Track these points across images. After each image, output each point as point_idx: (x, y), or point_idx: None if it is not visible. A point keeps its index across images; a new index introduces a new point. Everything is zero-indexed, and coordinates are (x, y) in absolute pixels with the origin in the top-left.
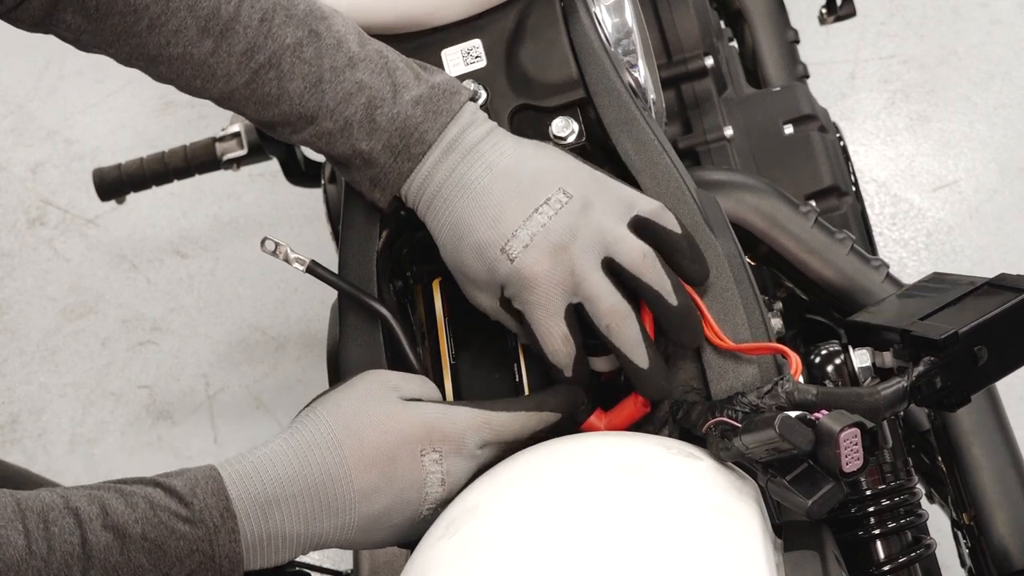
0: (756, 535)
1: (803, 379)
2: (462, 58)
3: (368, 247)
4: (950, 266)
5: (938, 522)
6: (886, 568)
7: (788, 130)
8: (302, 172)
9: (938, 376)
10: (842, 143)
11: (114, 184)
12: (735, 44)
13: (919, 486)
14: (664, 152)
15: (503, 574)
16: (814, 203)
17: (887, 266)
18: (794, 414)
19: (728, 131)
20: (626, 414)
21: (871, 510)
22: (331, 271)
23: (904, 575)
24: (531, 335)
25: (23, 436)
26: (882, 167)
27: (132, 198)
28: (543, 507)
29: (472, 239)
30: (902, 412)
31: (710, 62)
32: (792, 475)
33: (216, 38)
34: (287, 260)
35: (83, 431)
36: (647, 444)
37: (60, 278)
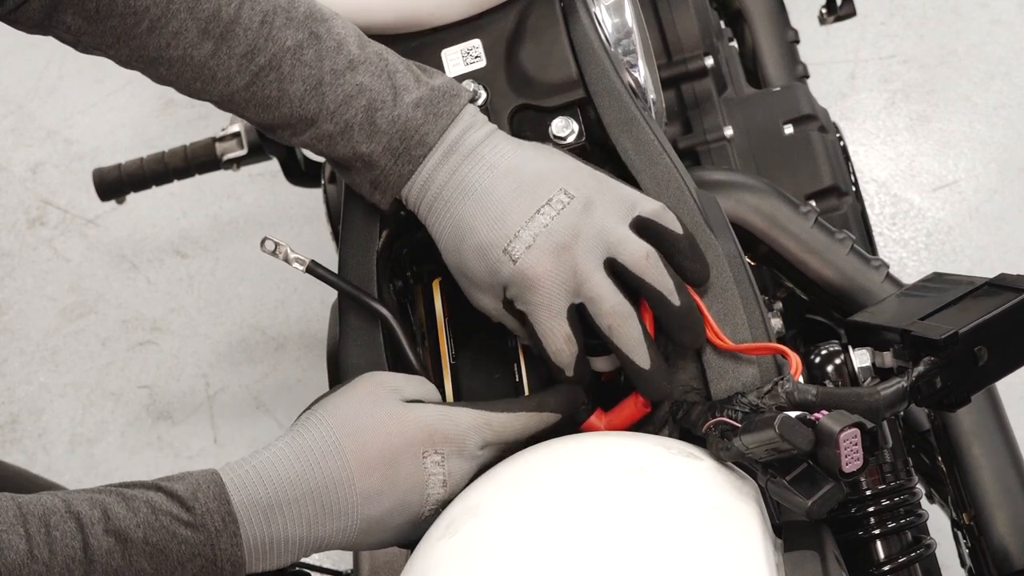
0: (756, 535)
1: (803, 379)
2: (462, 58)
3: (368, 247)
4: (950, 266)
5: (938, 522)
6: (886, 568)
7: (788, 130)
8: (302, 172)
9: (938, 376)
10: (842, 143)
11: (114, 184)
12: (735, 44)
13: (919, 486)
14: (664, 152)
15: (503, 574)
16: (814, 203)
17: (887, 266)
18: (794, 414)
19: (728, 131)
20: (626, 414)
21: (871, 510)
22: (331, 271)
23: (904, 575)
24: (533, 336)
25: (23, 436)
26: (882, 167)
27: (132, 198)
28: (543, 507)
29: (474, 241)
30: (902, 412)
31: (710, 62)
32: (792, 475)
33: (216, 40)
34: (287, 260)
35: (83, 431)
36: (647, 444)
37: (60, 278)
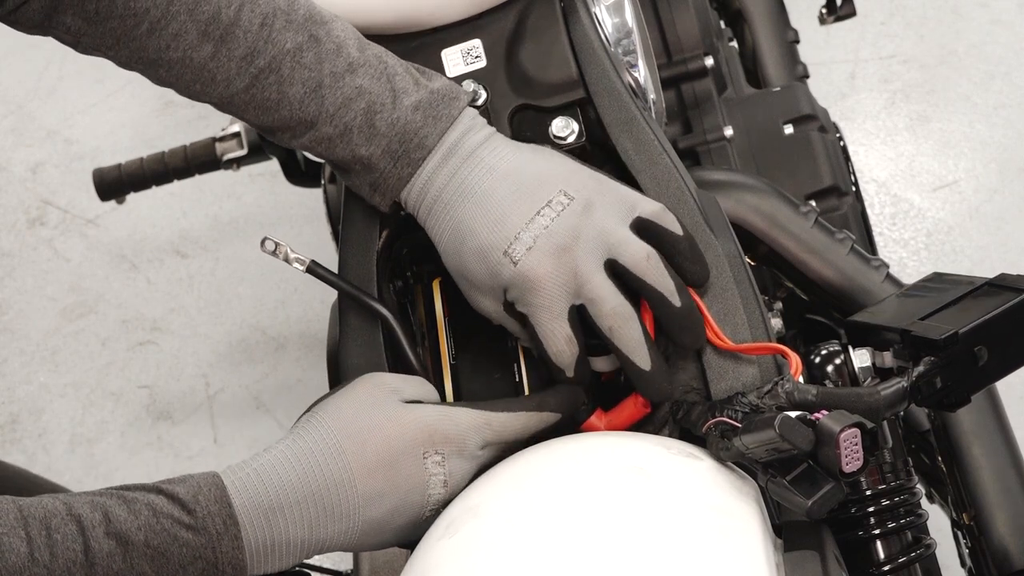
0: (756, 535)
1: (803, 379)
2: (462, 58)
3: (368, 247)
4: (950, 266)
5: (938, 522)
6: (886, 568)
7: (788, 130)
8: (302, 172)
9: (938, 376)
10: (842, 143)
11: (114, 184)
12: (735, 44)
13: (919, 486)
14: (664, 152)
15: (503, 574)
16: (814, 203)
17: (887, 266)
18: (794, 414)
19: (728, 131)
20: (626, 414)
21: (871, 510)
22: (331, 271)
23: (904, 575)
24: (534, 338)
25: (23, 436)
26: (882, 167)
27: (132, 198)
28: (543, 507)
29: (474, 243)
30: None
31: (710, 62)
32: (792, 475)
33: (216, 42)
34: (287, 260)
35: (83, 431)
36: (647, 444)
37: (60, 278)
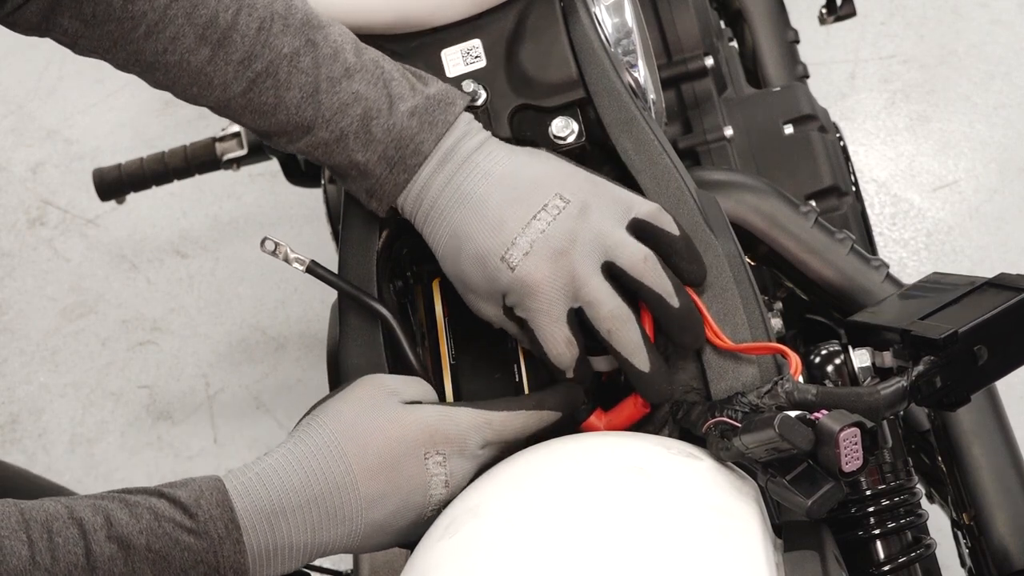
0: (756, 535)
1: (803, 379)
2: (462, 58)
3: (368, 247)
4: (950, 266)
5: (938, 522)
6: (886, 568)
7: (788, 130)
8: (302, 172)
9: (938, 376)
10: (842, 143)
11: (114, 184)
12: (735, 44)
13: (919, 486)
14: (664, 152)
15: (503, 574)
16: (814, 203)
17: (887, 266)
18: (794, 414)
19: (728, 131)
20: (626, 414)
21: (871, 510)
22: (331, 271)
23: (904, 575)
24: (534, 341)
25: (23, 436)
26: (882, 167)
27: (132, 198)
28: (543, 507)
29: (472, 249)
30: (902, 412)
31: (710, 62)
32: (792, 475)
33: (213, 46)
34: (287, 260)
35: (83, 431)
36: (647, 444)
37: (60, 278)
